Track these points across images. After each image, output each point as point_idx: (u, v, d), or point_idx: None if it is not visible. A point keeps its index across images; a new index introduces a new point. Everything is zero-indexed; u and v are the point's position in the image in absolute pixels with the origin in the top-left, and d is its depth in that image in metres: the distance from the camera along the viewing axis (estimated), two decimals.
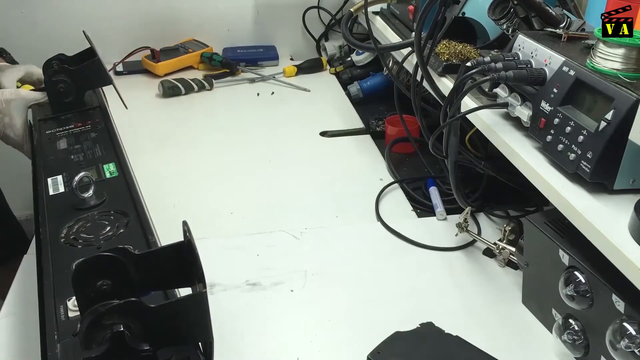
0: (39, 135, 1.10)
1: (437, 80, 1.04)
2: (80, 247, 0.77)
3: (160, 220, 0.87)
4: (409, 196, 1.19)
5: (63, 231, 0.80)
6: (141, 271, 0.62)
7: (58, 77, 1.16)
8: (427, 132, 1.04)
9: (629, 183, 0.72)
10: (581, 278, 0.74)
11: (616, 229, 0.66)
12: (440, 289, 0.94)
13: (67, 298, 0.68)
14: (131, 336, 0.55)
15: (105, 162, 0.98)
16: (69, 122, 1.14)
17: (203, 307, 0.58)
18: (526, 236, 0.87)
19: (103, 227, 0.80)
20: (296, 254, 1.02)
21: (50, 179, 0.94)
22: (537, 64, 0.83)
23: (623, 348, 0.66)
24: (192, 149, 1.37)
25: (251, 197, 1.18)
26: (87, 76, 1.20)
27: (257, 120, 1.53)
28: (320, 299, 0.92)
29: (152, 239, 0.77)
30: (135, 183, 0.92)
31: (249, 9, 1.88)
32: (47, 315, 0.65)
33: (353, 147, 1.39)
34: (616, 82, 0.70)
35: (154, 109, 1.58)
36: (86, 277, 0.59)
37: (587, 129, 0.72)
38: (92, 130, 1.10)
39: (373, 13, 1.45)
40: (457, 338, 0.81)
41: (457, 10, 1.07)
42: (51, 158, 1.01)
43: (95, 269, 0.59)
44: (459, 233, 1.02)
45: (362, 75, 1.71)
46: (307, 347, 0.83)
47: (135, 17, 1.80)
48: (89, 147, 1.04)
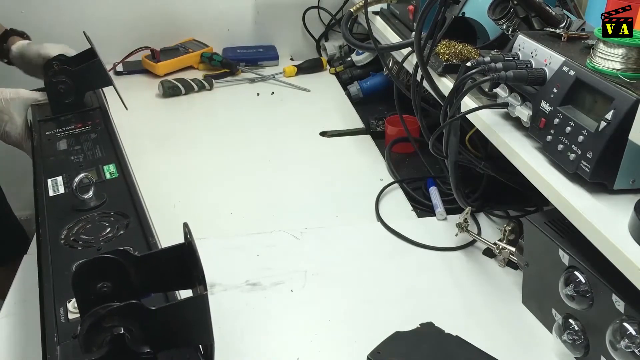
0: (39, 136, 1.10)
1: (437, 80, 1.03)
2: (80, 249, 0.77)
3: (160, 221, 0.87)
4: (409, 196, 1.19)
5: (63, 232, 0.80)
6: (141, 273, 0.62)
7: (58, 78, 1.16)
8: (427, 132, 1.04)
9: (629, 183, 0.72)
10: (581, 278, 0.74)
11: (616, 229, 0.66)
12: (440, 289, 0.94)
13: (67, 300, 0.67)
14: (131, 339, 0.55)
15: (105, 163, 0.98)
16: (69, 123, 1.14)
17: (204, 309, 0.58)
18: (526, 236, 0.87)
19: (103, 228, 0.80)
20: (296, 254, 1.02)
21: (50, 180, 0.94)
22: (537, 64, 0.83)
23: (623, 348, 0.66)
24: (192, 149, 1.37)
25: (251, 197, 1.18)
26: (87, 77, 1.20)
27: (257, 120, 1.53)
28: (320, 299, 0.92)
29: (153, 241, 0.76)
30: (136, 184, 0.92)
31: (249, 9, 1.88)
32: (46, 317, 0.65)
33: (353, 147, 1.39)
34: (616, 82, 0.70)
35: (154, 109, 1.58)
36: (86, 279, 0.58)
37: (587, 129, 0.72)
38: (92, 131, 1.10)
39: (373, 13, 1.45)
40: (457, 338, 0.81)
41: (457, 10, 1.07)
42: (51, 159, 1.01)
43: (95, 271, 0.59)
44: (459, 233, 1.02)
45: (362, 75, 1.71)
46: (307, 347, 0.83)
47: (135, 17, 1.80)
48: (89, 148, 1.04)
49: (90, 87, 1.23)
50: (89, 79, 1.20)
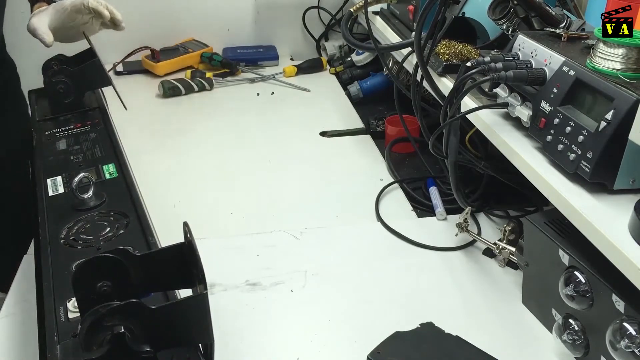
0: (39, 135, 1.10)
1: (437, 80, 1.04)
2: (80, 249, 0.77)
3: (160, 220, 0.87)
4: (409, 196, 1.19)
5: (63, 232, 0.80)
6: (141, 272, 0.62)
7: (57, 78, 1.16)
8: (427, 132, 1.04)
9: (629, 183, 0.72)
10: (581, 278, 0.74)
11: (616, 229, 0.66)
12: (440, 289, 0.94)
13: (67, 299, 0.67)
14: (132, 337, 0.55)
15: (104, 163, 0.98)
16: (68, 123, 1.14)
17: (204, 308, 0.58)
18: (526, 236, 0.87)
19: (103, 228, 0.80)
20: (296, 254, 1.02)
21: (50, 179, 0.94)
22: (537, 64, 0.83)
23: (623, 348, 0.66)
24: (192, 149, 1.37)
25: (251, 197, 1.18)
26: (86, 77, 1.19)
27: (257, 120, 1.53)
28: (320, 299, 0.92)
29: (152, 240, 0.77)
30: (135, 184, 0.92)
31: (249, 9, 1.88)
32: (47, 316, 0.65)
33: (353, 147, 1.39)
34: (616, 82, 0.70)
35: (154, 109, 1.58)
36: (86, 278, 0.59)
37: (587, 129, 0.72)
38: (91, 130, 1.10)
39: (373, 13, 1.45)
40: (457, 338, 0.81)
41: (457, 10, 1.07)
42: (51, 159, 1.01)
43: (95, 270, 0.59)
44: (459, 233, 1.02)
45: (362, 75, 1.71)
46: (307, 347, 0.83)
47: (135, 17, 1.79)
48: (89, 147, 1.04)
49: (89, 87, 1.23)
50: (88, 79, 1.20)
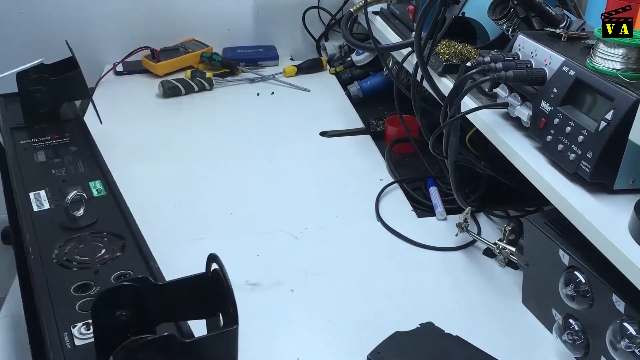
0: (13, 144, 1.03)
1: (437, 80, 1.04)
2: (76, 270, 0.73)
3: (161, 220, 0.87)
4: (409, 196, 1.19)
5: (54, 252, 0.76)
6: (157, 301, 0.60)
7: (35, 86, 1.10)
8: (427, 132, 1.04)
9: (629, 183, 0.72)
10: (581, 278, 0.74)
11: (616, 229, 0.66)
12: (440, 289, 0.94)
13: (71, 325, 0.63)
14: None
15: (91, 180, 0.93)
16: (44, 133, 1.08)
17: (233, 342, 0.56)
18: (526, 236, 0.87)
19: (97, 249, 0.77)
20: (296, 254, 1.02)
21: (33, 193, 0.88)
22: (537, 64, 0.83)
23: (623, 348, 0.66)
24: (192, 149, 1.37)
25: (251, 197, 1.18)
26: (66, 88, 1.14)
27: (257, 120, 1.53)
28: (320, 299, 0.92)
29: (155, 265, 0.73)
30: (126, 203, 0.87)
31: (249, 9, 1.88)
32: (52, 345, 0.61)
33: (353, 147, 1.39)
34: (616, 82, 0.70)
35: (154, 109, 1.58)
36: (105, 306, 0.57)
37: (587, 129, 0.72)
38: (71, 143, 1.05)
39: (373, 13, 1.45)
40: (457, 338, 0.81)
41: (457, 10, 1.07)
42: (30, 171, 0.96)
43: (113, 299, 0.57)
44: (459, 233, 1.02)
45: (362, 75, 1.71)
46: (307, 347, 0.83)
47: (135, 17, 1.80)
48: (70, 161, 0.99)
49: (67, 98, 1.18)
50: (67, 90, 1.15)
